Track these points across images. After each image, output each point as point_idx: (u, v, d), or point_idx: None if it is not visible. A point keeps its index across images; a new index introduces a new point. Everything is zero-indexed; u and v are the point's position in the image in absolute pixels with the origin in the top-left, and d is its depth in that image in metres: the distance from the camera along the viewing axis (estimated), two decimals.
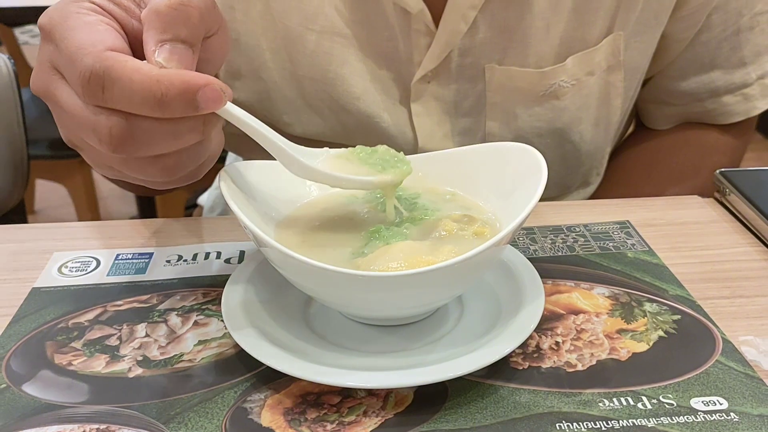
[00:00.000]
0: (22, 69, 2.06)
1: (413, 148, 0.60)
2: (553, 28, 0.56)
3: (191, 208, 1.66)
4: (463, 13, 0.54)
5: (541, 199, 0.38)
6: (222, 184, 0.40)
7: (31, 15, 1.40)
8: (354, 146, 0.49)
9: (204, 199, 0.88)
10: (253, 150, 0.64)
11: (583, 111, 0.60)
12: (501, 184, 0.43)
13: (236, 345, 0.38)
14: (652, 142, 0.68)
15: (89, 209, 1.67)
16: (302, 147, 0.42)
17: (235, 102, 0.58)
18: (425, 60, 0.57)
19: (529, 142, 0.57)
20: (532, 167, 0.40)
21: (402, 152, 0.43)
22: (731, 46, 0.61)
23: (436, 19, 0.55)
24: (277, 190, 0.44)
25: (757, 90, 0.63)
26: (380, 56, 0.58)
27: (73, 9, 0.36)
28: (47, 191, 2.01)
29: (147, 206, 1.67)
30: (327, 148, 0.42)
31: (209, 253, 0.49)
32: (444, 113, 0.60)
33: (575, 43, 0.57)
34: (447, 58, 0.57)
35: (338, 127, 0.60)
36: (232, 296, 0.41)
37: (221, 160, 0.81)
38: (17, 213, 0.89)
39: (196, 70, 0.35)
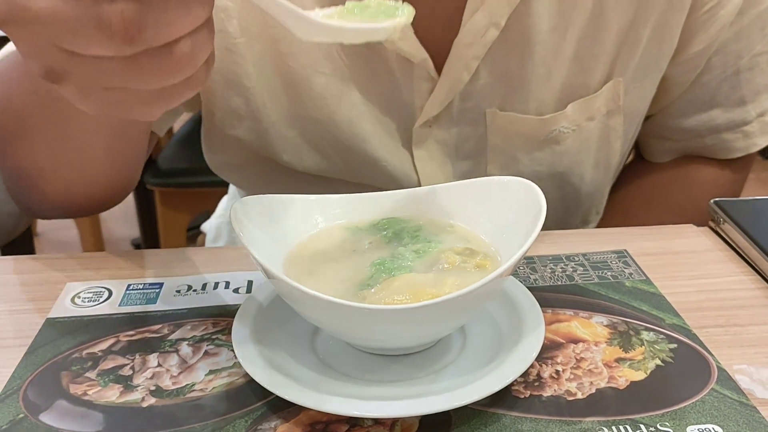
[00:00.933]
0: None
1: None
2: (554, 75, 0.57)
3: (193, 229, 1.67)
4: (466, 63, 0.55)
5: (542, 231, 0.39)
6: (233, 218, 0.41)
7: None
8: (359, 181, 0.50)
9: (207, 228, 0.89)
10: (254, 184, 0.65)
11: (583, 154, 0.61)
12: (501, 217, 0.45)
13: (246, 374, 0.40)
14: (652, 175, 0.69)
15: (92, 232, 1.69)
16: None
17: (235, 139, 0.59)
18: (427, 106, 0.58)
19: None
20: (531, 201, 0.42)
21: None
22: (731, 86, 0.62)
23: (438, 67, 0.56)
24: (284, 224, 0.46)
25: (756, 127, 0.64)
26: (383, 101, 0.59)
27: None
28: None
29: (149, 229, 1.69)
30: (318, 9, 0.38)
31: (218, 283, 0.51)
32: (446, 156, 0.61)
33: (576, 89, 0.58)
34: (448, 103, 0.58)
35: (342, 166, 0.62)
36: (241, 327, 0.42)
37: (222, 184, 0.82)
38: (25, 239, 0.90)
39: None
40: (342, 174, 0.62)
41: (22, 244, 0.90)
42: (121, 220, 2.29)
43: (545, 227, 0.39)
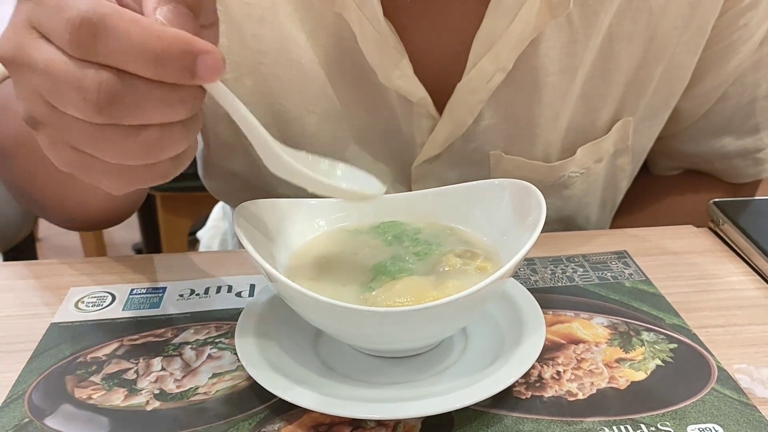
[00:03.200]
0: None
1: None
2: (562, 117, 0.55)
3: (194, 233, 1.68)
4: (470, 108, 0.53)
5: (541, 233, 0.39)
6: (235, 222, 0.42)
7: None
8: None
9: (201, 235, 0.89)
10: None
11: (590, 196, 0.60)
12: (501, 220, 0.45)
13: (249, 378, 0.40)
14: (657, 188, 0.68)
15: (94, 237, 1.69)
16: (286, 147, 0.39)
17: (230, 171, 0.57)
18: (427, 145, 0.55)
19: None
20: (531, 203, 0.42)
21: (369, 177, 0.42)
22: (745, 114, 0.60)
23: (439, 104, 0.54)
24: (286, 227, 0.46)
25: (767, 154, 0.62)
26: (381, 137, 0.57)
27: None
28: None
29: (151, 234, 1.69)
30: (306, 153, 0.40)
31: (221, 287, 0.51)
32: None
33: (583, 130, 0.56)
34: (450, 144, 0.56)
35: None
36: (245, 330, 0.43)
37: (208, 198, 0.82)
38: (27, 244, 0.91)
39: None
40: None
41: (24, 249, 0.90)
42: (123, 225, 2.29)
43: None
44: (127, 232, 2.26)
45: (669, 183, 0.68)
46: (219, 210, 0.89)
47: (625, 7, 0.51)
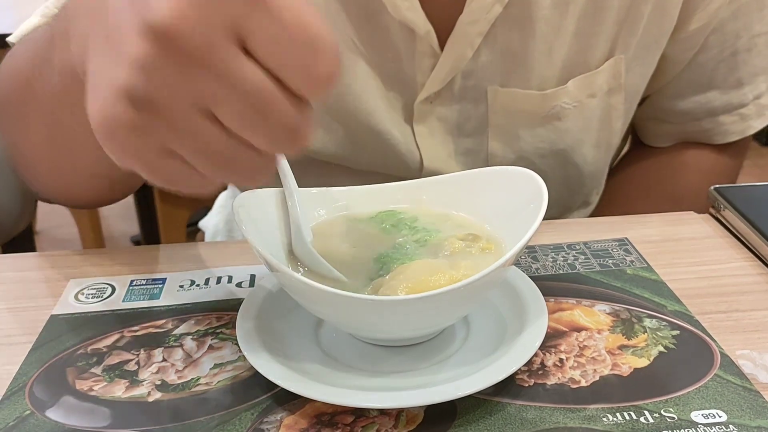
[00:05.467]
0: None
1: (419, 167, 0.62)
2: (556, 52, 0.57)
3: (193, 225, 1.68)
4: (470, 40, 0.55)
5: (543, 219, 0.39)
6: (235, 211, 0.41)
7: None
8: (362, 161, 0.50)
9: (205, 225, 0.89)
10: None
11: (584, 133, 0.61)
12: (502, 206, 0.45)
13: (251, 368, 0.40)
14: (650, 161, 0.69)
15: (92, 229, 1.69)
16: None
17: None
18: (429, 82, 0.58)
19: (531, 162, 0.59)
20: (533, 191, 0.42)
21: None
22: (728, 67, 0.62)
23: (440, 42, 0.56)
24: (286, 217, 0.46)
25: (753, 110, 0.64)
26: (386, 75, 0.59)
27: None
28: (48, 212, 2.03)
29: (149, 225, 1.69)
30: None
31: (221, 277, 0.51)
32: (447, 134, 0.61)
33: (577, 66, 0.58)
34: (450, 81, 0.58)
35: (347, 143, 0.61)
36: (246, 320, 0.42)
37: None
38: (26, 237, 0.91)
39: None
40: (345, 153, 0.61)
41: (22, 242, 0.90)
42: (121, 216, 2.29)
43: (548, 208, 0.39)
44: (125, 224, 2.25)
45: (661, 159, 0.69)
46: (224, 195, 0.89)
47: None
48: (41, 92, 0.44)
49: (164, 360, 0.42)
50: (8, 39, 0.57)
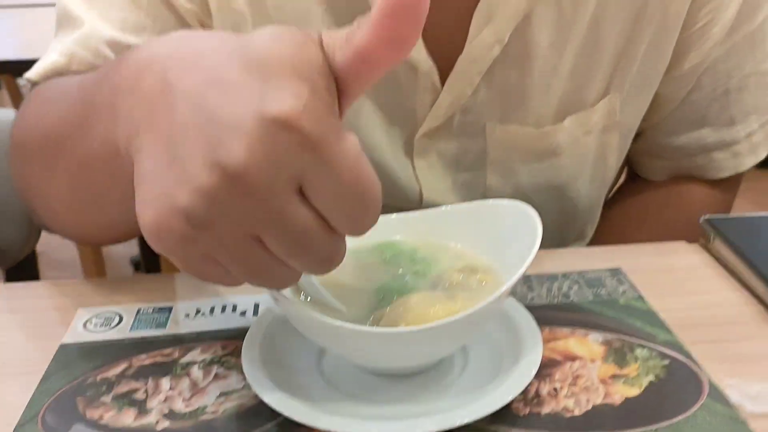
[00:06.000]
0: (17, 100, 2.11)
1: (419, 199, 0.63)
2: (552, 90, 0.59)
3: None
4: (470, 78, 0.57)
5: (539, 249, 0.41)
6: None
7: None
8: None
9: None
10: None
11: (580, 169, 0.63)
12: (499, 239, 0.46)
13: (256, 396, 0.41)
14: (645, 194, 0.71)
15: (92, 251, 1.70)
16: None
17: None
18: (429, 118, 0.59)
19: (528, 196, 0.61)
20: (528, 225, 0.44)
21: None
22: (721, 106, 0.64)
23: (441, 79, 0.58)
24: None
25: (745, 147, 0.66)
26: (388, 110, 0.60)
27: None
28: (46, 234, 2.04)
29: (149, 247, 1.70)
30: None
31: (225, 306, 0.52)
32: (446, 167, 0.63)
33: (573, 103, 0.60)
34: (450, 116, 0.60)
35: None
36: (250, 350, 0.44)
37: None
38: (29, 262, 0.92)
39: None
40: None
41: (26, 267, 0.91)
42: None
43: (544, 241, 0.41)
44: (125, 245, 2.26)
45: (656, 192, 0.71)
46: None
47: None
48: (74, 152, 0.45)
49: (171, 389, 0.44)
50: (26, 75, 0.57)
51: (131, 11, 0.56)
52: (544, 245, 0.41)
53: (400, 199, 0.63)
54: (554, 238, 0.68)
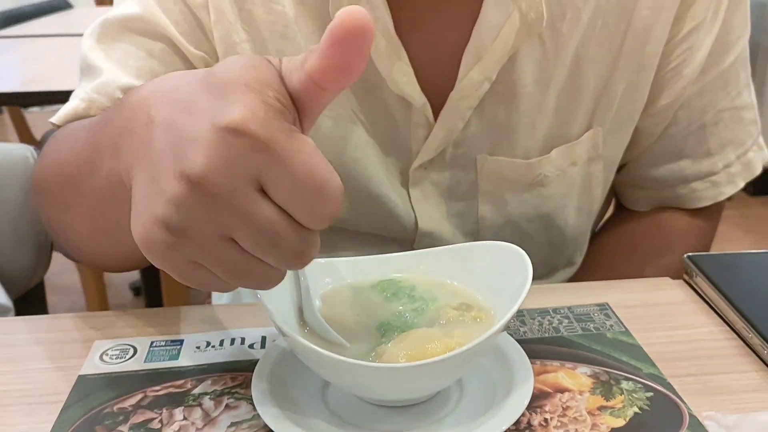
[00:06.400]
0: (22, 131, 2.15)
1: (414, 227, 0.67)
2: (538, 125, 0.63)
3: None
4: (461, 113, 0.61)
5: (532, 280, 0.44)
6: None
7: (46, 98, 1.49)
8: (362, 223, 0.60)
9: None
10: None
11: (567, 198, 0.67)
12: (492, 278, 0.50)
13: (265, 426, 0.44)
14: (631, 225, 0.75)
15: (94, 277, 1.72)
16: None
17: None
18: (423, 151, 0.63)
19: (518, 225, 0.64)
20: (520, 266, 0.47)
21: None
22: (697, 139, 0.68)
23: (434, 113, 0.61)
24: (298, 285, 0.50)
25: (723, 178, 0.70)
26: (383, 143, 0.64)
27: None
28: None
29: (150, 273, 1.72)
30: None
31: (234, 339, 0.55)
32: (440, 197, 0.66)
33: (559, 137, 0.64)
34: (442, 149, 0.63)
35: (348, 207, 0.66)
36: (260, 381, 0.47)
37: None
38: (38, 292, 0.95)
39: None
40: (346, 216, 0.66)
41: (35, 296, 0.94)
42: None
43: (535, 268, 0.44)
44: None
45: (641, 222, 0.74)
46: None
47: (590, 33, 0.60)
48: (87, 190, 0.49)
49: (185, 419, 0.46)
50: (51, 120, 0.63)
51: (145, 60, 0.61)
52: (536, 271, 0.45)
53: (397, 229, 0.67)
54: (544, 264, 0.71)
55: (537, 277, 0.67)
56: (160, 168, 0.34)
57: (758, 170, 0.70)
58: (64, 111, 0.62)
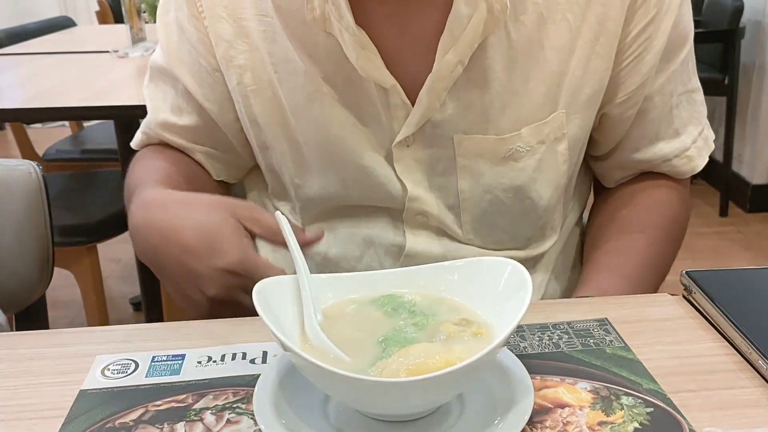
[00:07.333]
0: (25, 147, 2.16)
1: (403, 195, 0.72)
2: (508, 107, 0.69)
3: None
4: (438, 94, 0.68)
5: (509, 249, 0.50)
6: (255, 299, 0.47)
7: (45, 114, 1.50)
8: (354, 201, 0.72)
9: None
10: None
11: (536, 172, 0.72)
12: (492, 293, 0.50)
13: None
14: (615, 195, 0.82)
15: (94, 292, 1.72)
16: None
17: (270, 165, 0.78)
18: (404, 128, 0.69)
19: (495, 195, 0.74)
20: (519, 281, 0.48)
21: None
22: (667, 122, 0.76)
23: (411, 95, 0.68)
24: (299, 300, 0.51)
25: (694, 152, 0.78)
26: (370, 126, 0.71)
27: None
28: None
29: (150, 287, 1.73)
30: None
31: (235, 354, 0.55)
32: (423, 173, 0.72)
33: (527, 118, 0.70)
34: (422, 129, 0.69)
35: (341, 184, 0.73)
36: (261, 396, 0.47)
37: None
38: (40, 306, 0.95)
39: None
40: (340, 192, 0.74)
41: (36, 311, 0.94)
42: (122, 278, 2.33)
43: (511, 240, 0.45)
44: (126, 286, 2.29)
45: (625, 194, 0.81)
46: None
47: (551, 26, 0.67)
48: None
49: None
50: (131, 143, 0.84)
51: (174, 99, 0.78)
52: (513, 242, 0.46)
53: (386, 198, 0.73)
54: (519, 235, 0.76)
55: (515, 248, 0.75)
56: (185, 284, 0.62)
57: (713, 144, 0.80)
58: (135, 140, 0.83)
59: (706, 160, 0.79)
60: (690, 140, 0.77)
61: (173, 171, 0.75)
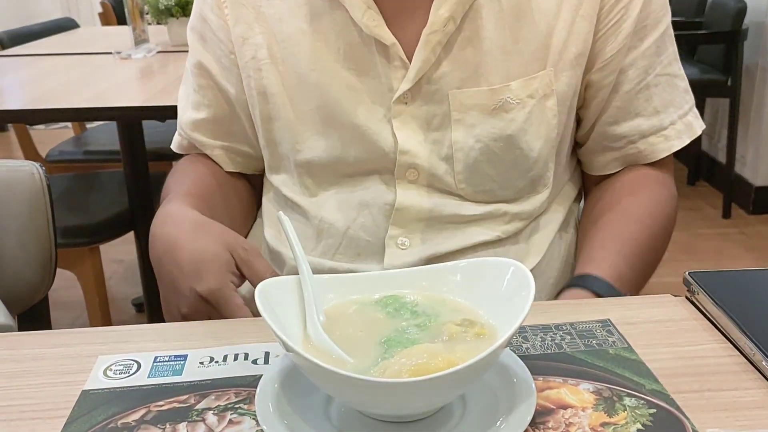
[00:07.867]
0: (28, 148, 2.17)
1: (394, 149, 0.76)
2: (499, 65, 0.75)
3: None
4: (432, 47, 0.73)
5: (499, 202, 0.64)
6: (258, 300, 0.46)
7: (51, 114, 1.50)
8: (349, 162, 0.77)
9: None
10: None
11: (526, 124, 0.76)
12: (495, 293, 0.50)
13: None
14: (604, 187, 0.85)
15: (97, 293, 1.72)
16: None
17: (271, 139, 0.83)
18: (403, 83, 0.75)
19: (487, 145, 0.76)
20: (521, 281, 0.47)
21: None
22: (645, 98, 0.79)
23: (409, 56, 0.74)
24: (301, 301, 0.51)
25: (672, 132, 0.81)
26: (368, 86, 0.76)
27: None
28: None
29: (152, 289, 1.73)
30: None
31: (237, 354, 0.55)
32: (419, 128, 0.76)
33: (518, 74, 0.75)
34: (418, 85, 0.74)
35: (339, 145, 0.77)
36: (264, 397, 0.47)
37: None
38: (42, 308, 0.95)
39: None
40: (337, 154, 0.77)
41: (38, 313, 0.94)
42: (124, 279, 2.33)
43: (503, 190, 0.45)
44: (128, 287, 2.29)
45: (614, 182, 0.84)
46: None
47: None
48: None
49: None
50: (171, 146, 0.91)
51: (194, 95, 0.86)
52: (504, 194, 0.46)
53: (379, 156, 0.77)
54: (511, 185, 0.79)
55: (503, 200, 0.78)
56: (174, 294, 0.68)
57: (698, 132, 0.82)
58: (173, 142, 0.91)
59: (685, 143, 0.82)
60: (669, 121, 0.81)
61: (208, 180, 0.84)
